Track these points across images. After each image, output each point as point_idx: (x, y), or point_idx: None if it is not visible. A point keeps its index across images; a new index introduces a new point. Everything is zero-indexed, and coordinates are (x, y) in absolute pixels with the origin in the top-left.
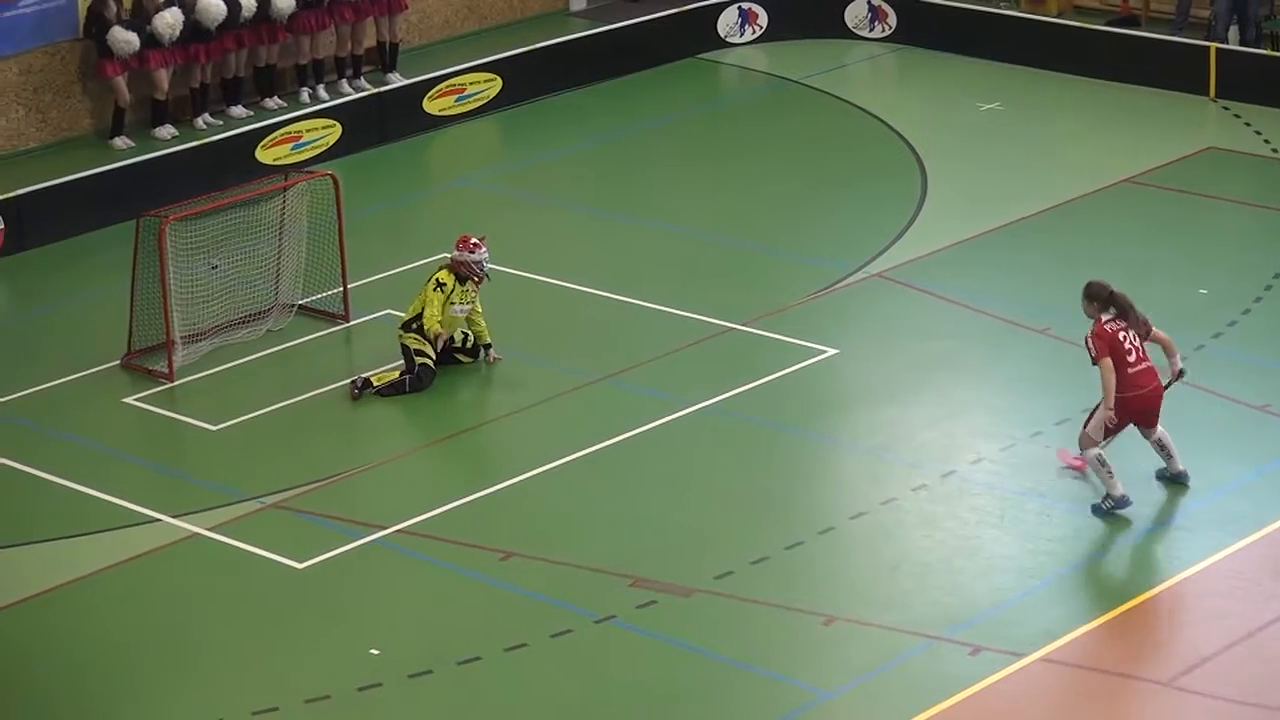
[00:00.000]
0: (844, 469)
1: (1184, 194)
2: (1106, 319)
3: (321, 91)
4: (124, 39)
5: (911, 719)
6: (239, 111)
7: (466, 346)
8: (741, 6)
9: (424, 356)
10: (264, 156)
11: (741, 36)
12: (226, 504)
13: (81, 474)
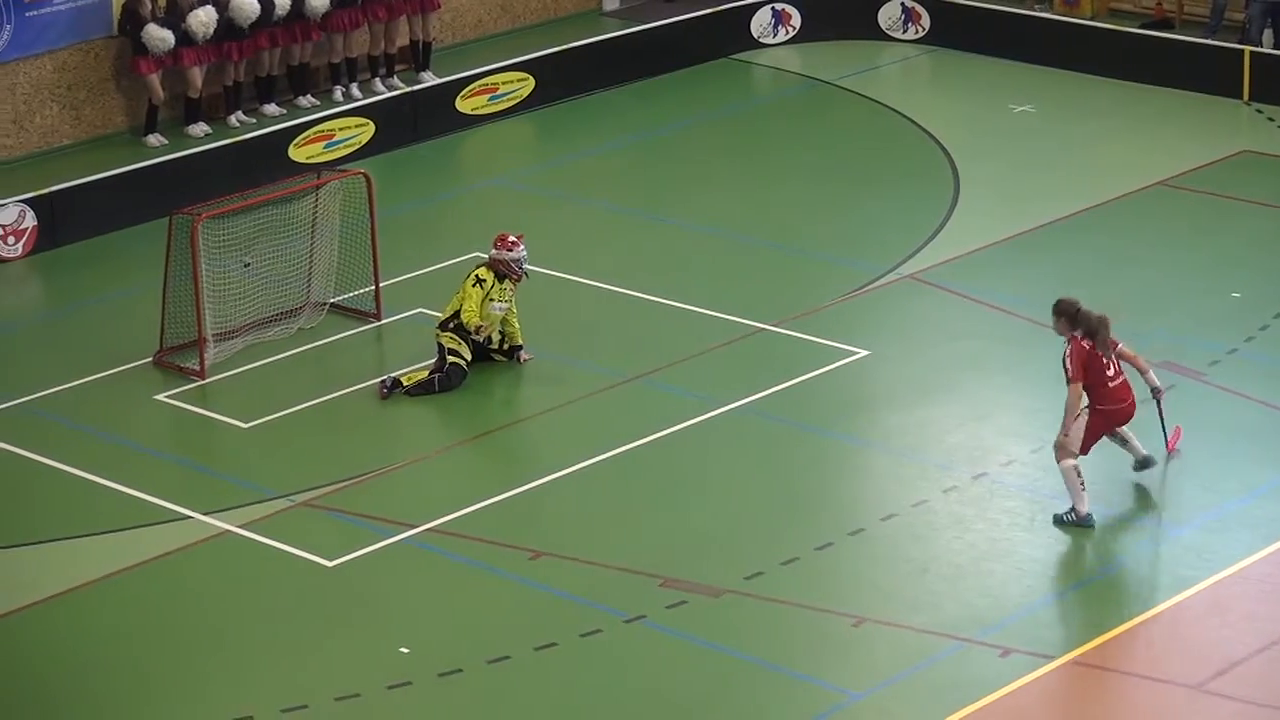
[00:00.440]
0: (874, 470)
1: (1217, 197)
2: (1080, 337)
3: (355, 90)
4: (159, 36)
5: None
6: (272, 109)
7: (502, 346)
8: (775, 7)
9: (457, 356)
10: (297, 155)
11: (774, 37)
12: (257, 501)
13: (113, 471)
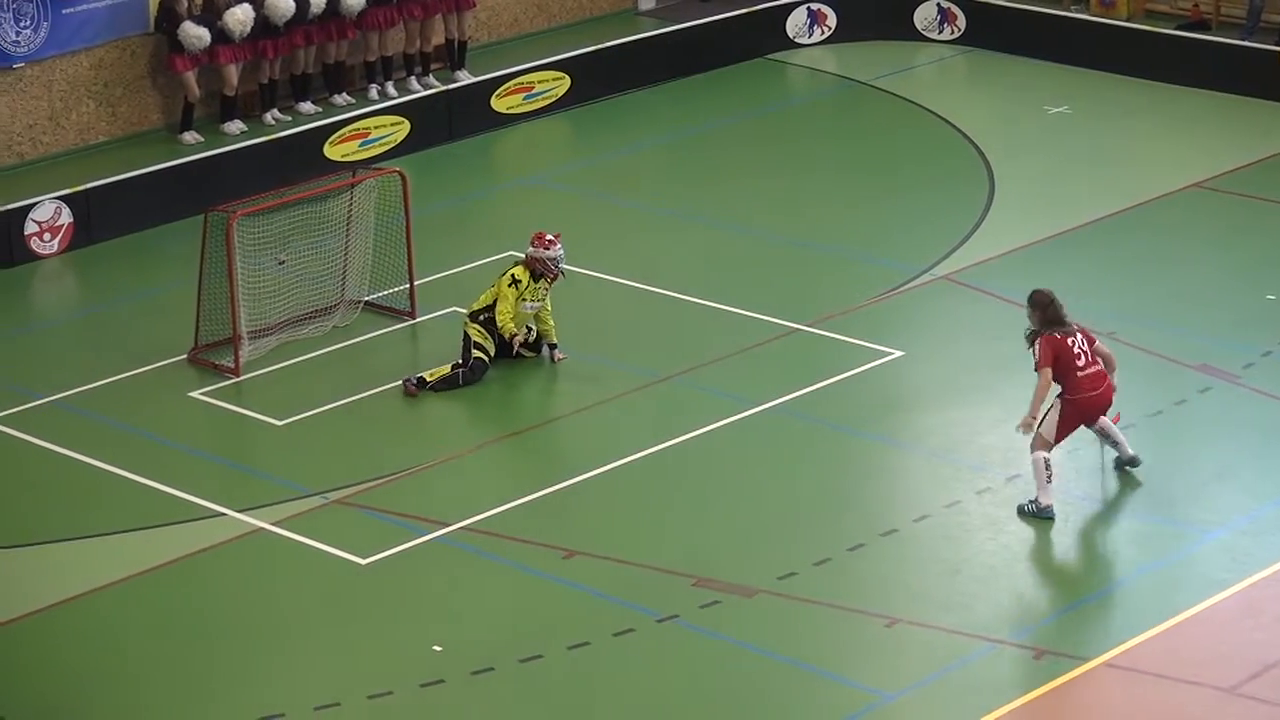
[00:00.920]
0: (908, 471)
1: (1253, 199)
2: (1050, 328)
3: (390, 88)
4: (195, 34)
5: None
6: (307, 107)
7: (529, 341)
8: (810, 7)
9: (481, 351)
10: (332, 153)
11: (810, 37)
12: (291, 499)
13: (147, 468)
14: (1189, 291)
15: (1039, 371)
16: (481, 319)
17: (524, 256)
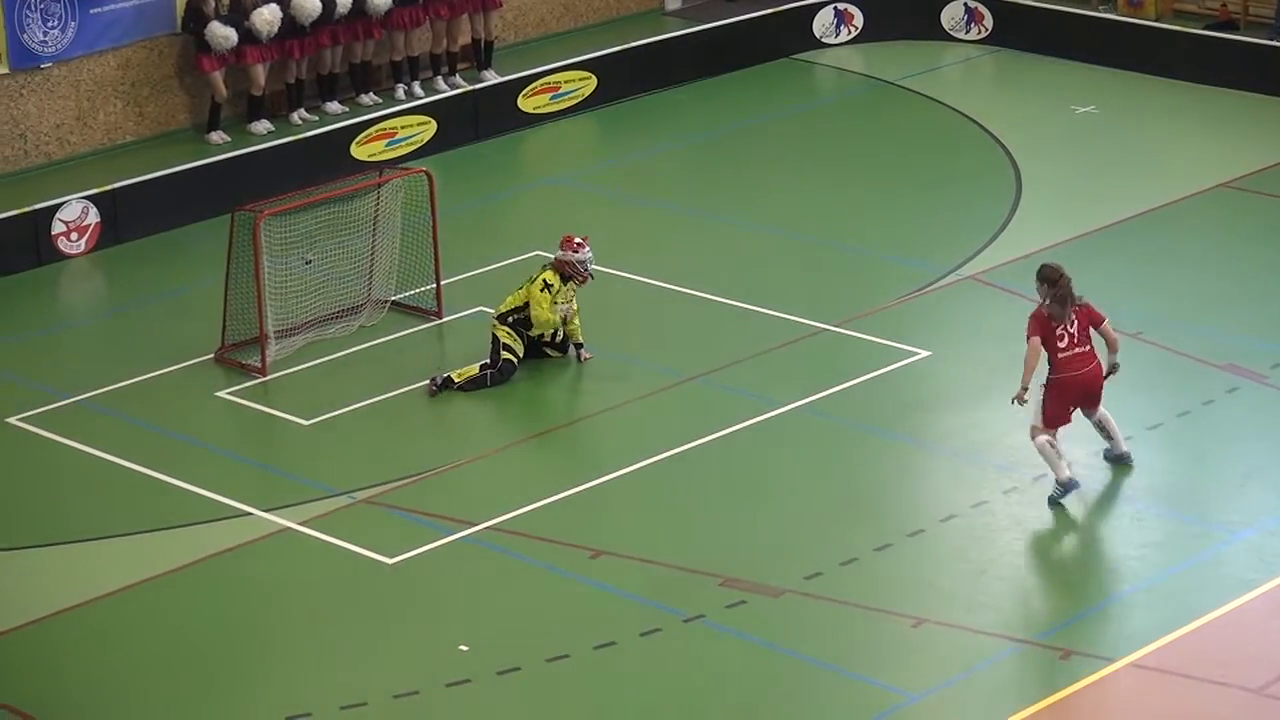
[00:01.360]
0: (934, 471)
1: None
2: (1050, 304)
3: (417, 88)
4: (222, 34)
5: None
6: (334, 107)
7: (555, 340)
8: (837, 7)
9: (510, 352)
10: (359, 152)
11: (837, 37)
12: (318, 499)
13: (174, 467)
14: (1216, 292)
15: (1029, 341)
16: (510, 321)
17: (553, 259)
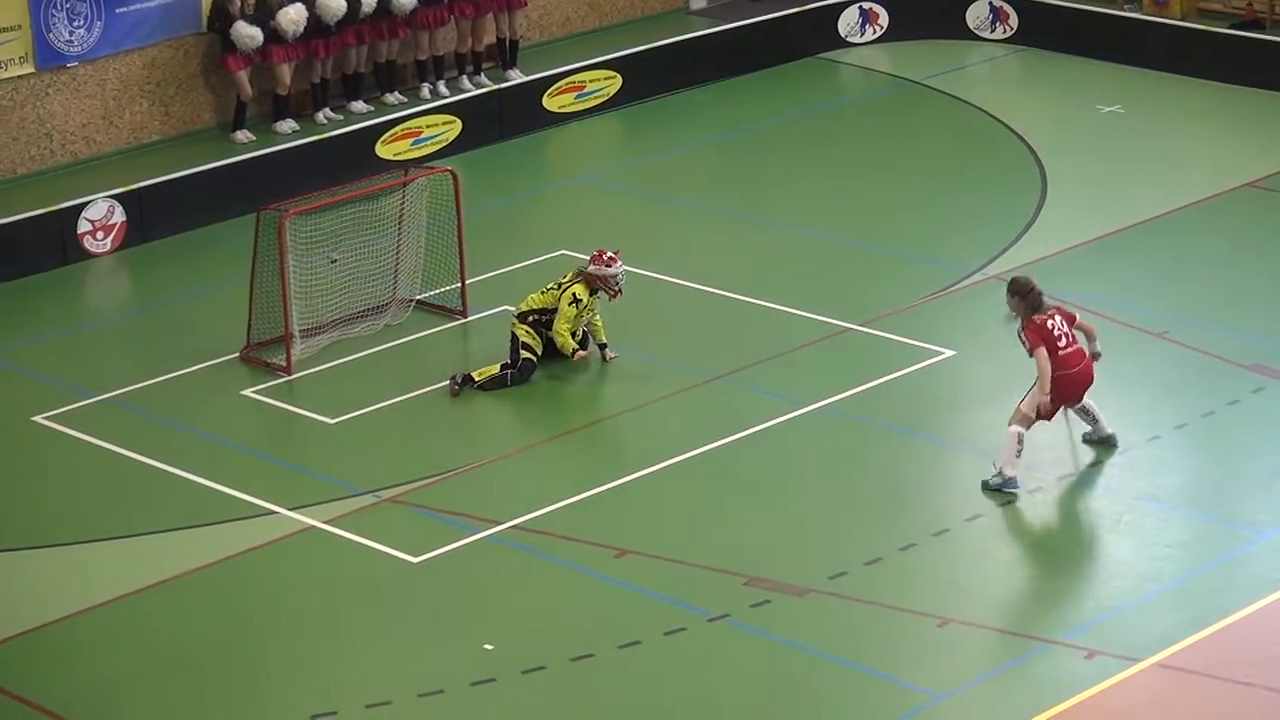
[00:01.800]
0: (960, 471)
1: None
2: (1032, 312)
3: (442, 87)
4: (248, 34)
5: None
6: (359, 106)
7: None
8: (862, 6)
9: (530, 351)
10: (384, 152)
11: (862, 36)
12: (343, 497)
13: (199, 466)
14: (1242, 291)
15: (1035, 354)
16: (530, 320)
17: (582, 273)
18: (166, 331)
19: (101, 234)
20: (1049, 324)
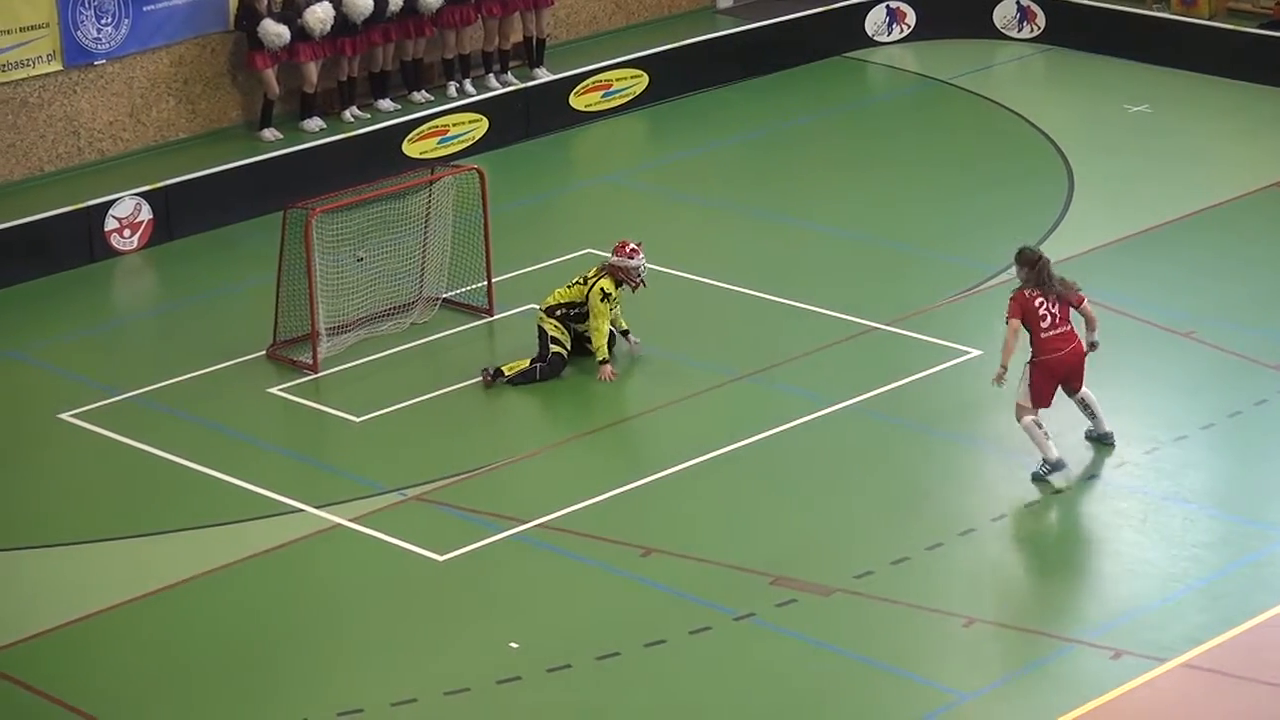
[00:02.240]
0: (986, 470)
1: None
2: (1028, 285)
3: (468, 85)
4: (275, 32)
5: None
6: (386, 105)
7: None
8: (889, 5)
9: (559, 346)
10: (410, 150)
11: (889, 35)
12: (369, 495)
13: (225, 463)
14: (1270, 291)
15: (1009, 322)
16: (558, 315)
17: (606, 265)
18: (193, 329)
19: (128, 232)
20: (1036, 301)
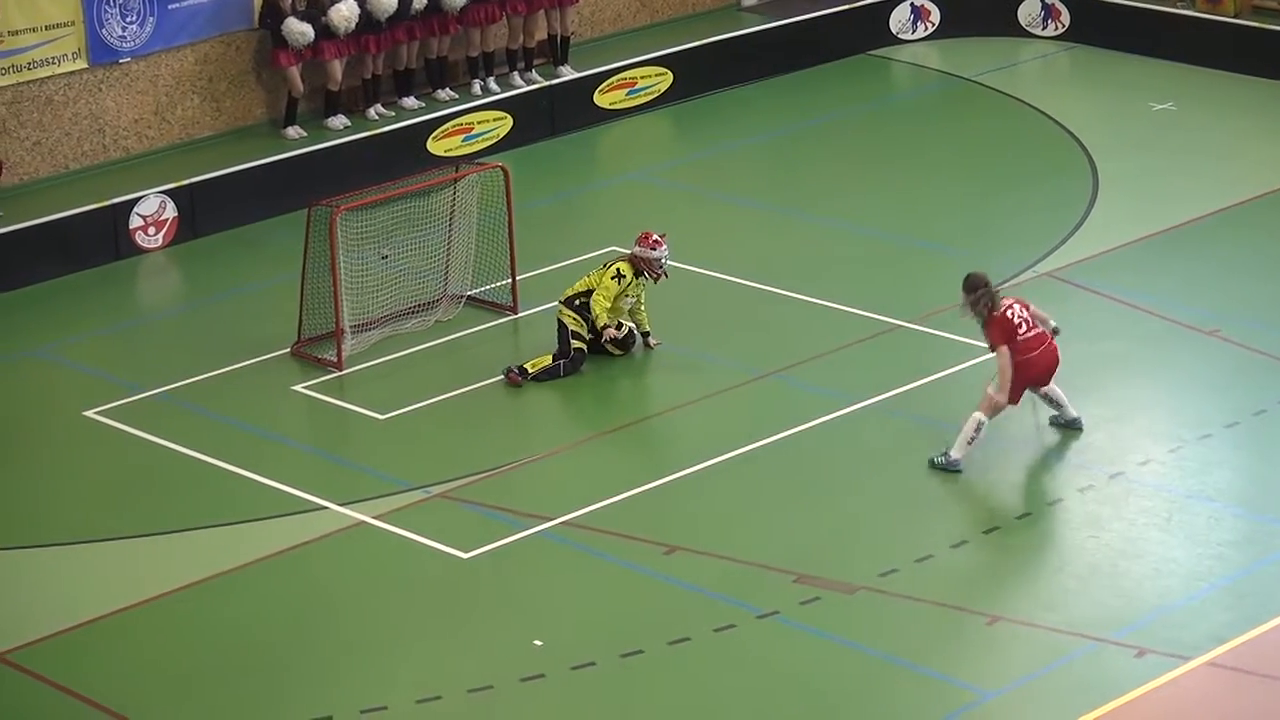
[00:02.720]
0: (1010, 468)
1: None
2: (991, 303)
3: (493, 83)
4: (299, 30)
5: None
6: (410, 103)
7: (620, 339)
8: (914, 3)
9: (579, 340)
10: (435, 148)
11: (913, 33)
12: (393, 493)
13: (250, 460)
14: None
15: (997, 352)
16: (576, 305)
17: (629, 254)
18: (217, 327)
19: (153, 229)
20: (1009, 313)
